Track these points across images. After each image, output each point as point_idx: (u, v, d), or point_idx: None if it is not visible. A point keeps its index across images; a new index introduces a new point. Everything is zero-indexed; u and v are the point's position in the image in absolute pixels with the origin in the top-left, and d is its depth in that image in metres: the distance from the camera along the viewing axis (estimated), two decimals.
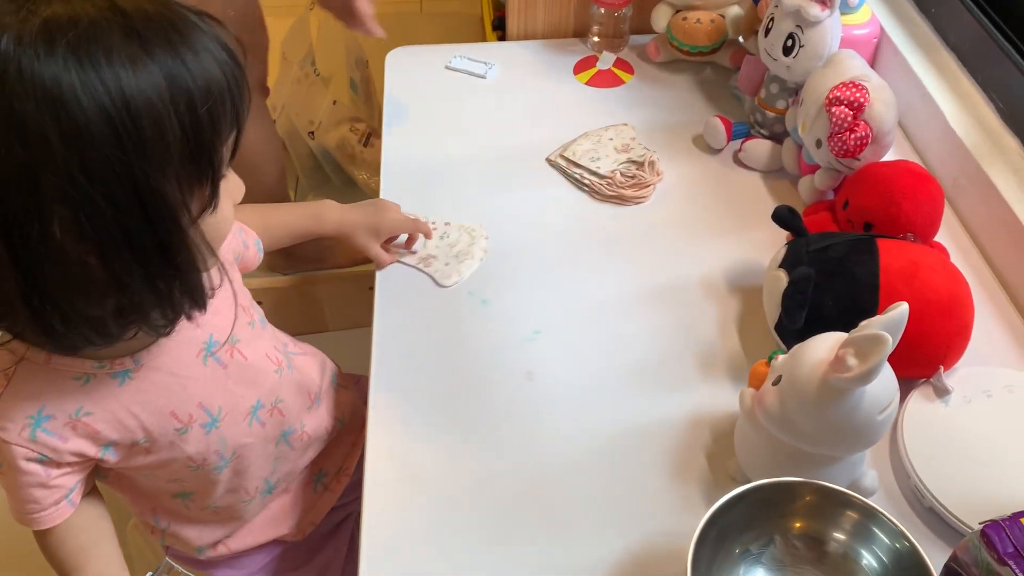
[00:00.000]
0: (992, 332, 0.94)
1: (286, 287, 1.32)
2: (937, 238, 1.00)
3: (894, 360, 0.84)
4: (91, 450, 0.74)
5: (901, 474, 0.81)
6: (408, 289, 0.99)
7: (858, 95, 0.94)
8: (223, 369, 0.80)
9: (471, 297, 0.98)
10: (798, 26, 1.02)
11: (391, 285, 1.00)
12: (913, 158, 1.15)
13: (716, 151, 1.16)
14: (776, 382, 0.74)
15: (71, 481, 0.76)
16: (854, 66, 0.99)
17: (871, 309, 0.83)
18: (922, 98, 1.13)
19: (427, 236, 1.03)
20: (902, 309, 0.68)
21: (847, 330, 0.84)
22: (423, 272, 1.01)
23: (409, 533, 0.79)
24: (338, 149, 1.84)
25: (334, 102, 1.88)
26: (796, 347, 0.74)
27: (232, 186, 0.70)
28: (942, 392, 0.84)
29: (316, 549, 0.99)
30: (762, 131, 1.14)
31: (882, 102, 0.95)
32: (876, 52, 1.24)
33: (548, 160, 1.15)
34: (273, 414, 0.86)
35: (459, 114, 1.23)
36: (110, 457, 0.76)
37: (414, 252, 1.03)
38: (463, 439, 0.85)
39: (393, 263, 1.01)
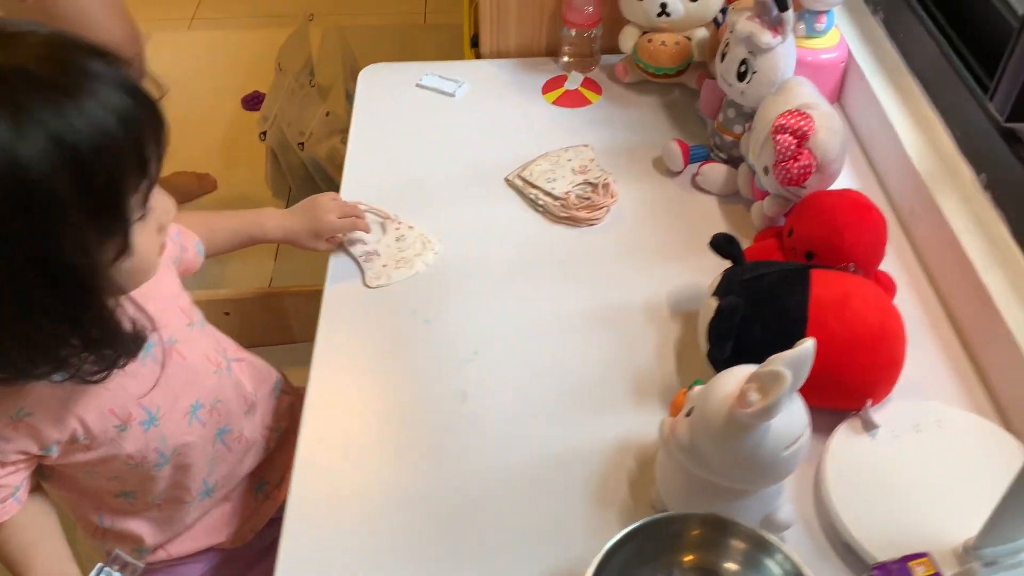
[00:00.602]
0: (933, 364, 0.93)
1: (253, 298, 1.35)
2: (891, 267, 1.00)
3: (821, 392, 0.84)
4: (34, 447, 0.76)
5: (822, 508, 0.80)
6: (354, 305, 1.00)
7: (802, 123, 0.94)
8: (161, 369, 0.82)
9: (414, 316, 0.99)
10: (750, 52, 1.02)
11: (338, 299, 1.01)
12: (874, 184, 1.14)
13: (675, 174, 1.16)
14: (689, 413, 0.74)
15: (17, 479, 0.79)
16: (803, 93, 0.99)
17: (800, 339, 0.82)
18: (883, 124, 1.13)
19: (364, 231, 1.05)
20: (807, 346, 0.68)
21: None
22: (358, 265, 1.03)
23: (329, 551, 0.80)
24: (328, 160, 1.87)
25: (327, 113, 1.90)
26: (712, 379, 0.75)
27: (159, 213, 0.71)
28: (869, 426, 0.84)
29: (255, 561, 1.00)
30: (721, 155, 1.14)
31: (828, 130, 0.95)
32: (844, 76, 1.24)
33: (507, 180, 1.16)
34: (213, 414, 0.88)
35: (425, 132, 1.25)
36: (52, 454, 0.78)
37: (364, 242, 1.05)
38: (391, 458, 0.86)
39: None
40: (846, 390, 0.83)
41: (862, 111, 1.20)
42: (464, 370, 0.94)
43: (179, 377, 0.83)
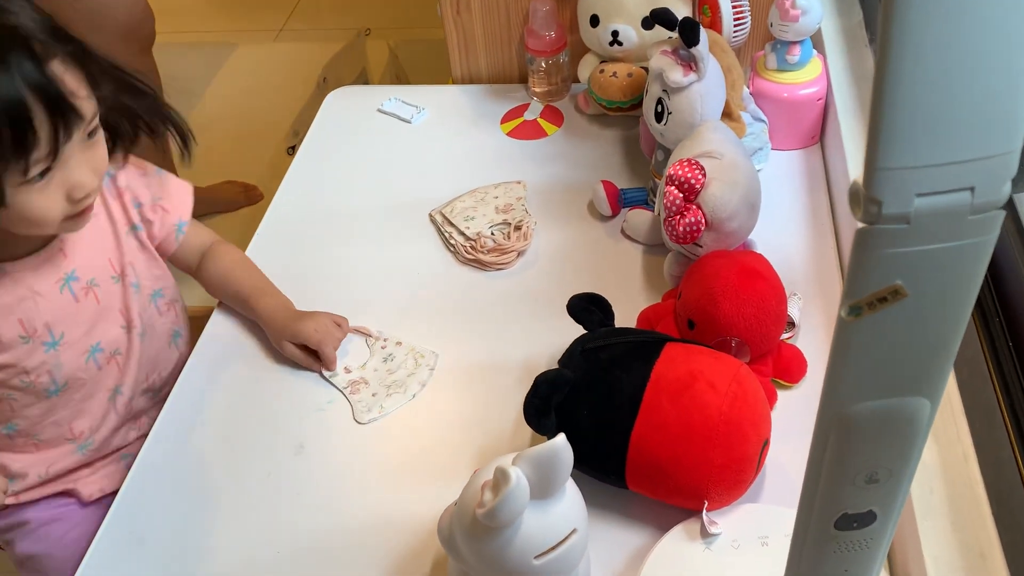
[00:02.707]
0: None
1: None
2: (817, 342, 0.88)
3: (655, 486, 0.75)
4: None
5: None
6: (232, 339, 0.98)
7: (689, 176, 0.83)
8: (76, 302, 0.86)
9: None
10: (665, 91, 0.92)
11: (220, 326, 0.99)
12: (830, 242, 1.00)
13: (607, 218, 1.06)
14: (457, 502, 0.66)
15: None
16: (709, 140, 0.87)
17: (628, 424, 0.72)
18: (844, 175, 0.99)
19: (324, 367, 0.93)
20: (556, 443, 0.59)
21: (600, 444, 0.75)
22: (345, 398, 0.90)
23: None
24: None
25: None
26: (486, 465, 0.66)
27: (70, 186, 0.77)
28: (705, 532, 0.72)
29: None
30: (654, 200, 1.03)
31: (725, 184, 0.83)
32: (825, 114, 1.10)
33: (430, 215, 1.10)
34: (111, 362, 0.91)
35: (373, 157, 1.21)
36: None
37: (348, 370, 0.92)
38: (204, 507, 0.83)
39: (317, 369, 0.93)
40: (678, 487, 0.72)
41: (833, 155, 1.06)
42: (310, 420, 0.89)
43: (89, 315, 0.87)
